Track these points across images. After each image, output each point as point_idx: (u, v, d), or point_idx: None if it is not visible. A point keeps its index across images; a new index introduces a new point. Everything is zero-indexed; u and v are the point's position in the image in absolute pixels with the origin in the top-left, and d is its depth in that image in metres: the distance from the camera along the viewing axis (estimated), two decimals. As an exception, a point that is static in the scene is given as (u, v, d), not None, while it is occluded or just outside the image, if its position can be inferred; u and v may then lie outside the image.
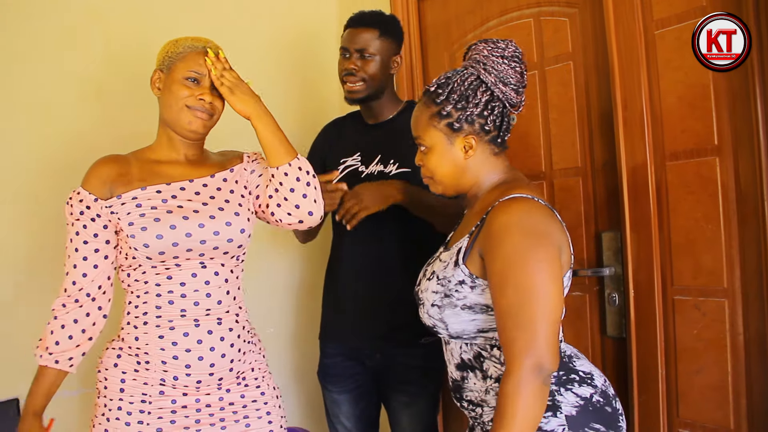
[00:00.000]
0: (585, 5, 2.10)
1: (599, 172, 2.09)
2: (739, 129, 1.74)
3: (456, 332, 1.47)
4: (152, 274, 1.62)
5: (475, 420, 1.52)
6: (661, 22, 1.87)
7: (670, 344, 1.88)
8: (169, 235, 1.58)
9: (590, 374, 1.44)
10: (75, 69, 2.29)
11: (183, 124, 1.66)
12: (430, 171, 1.54)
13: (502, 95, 1.47)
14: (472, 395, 1.49)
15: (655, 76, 1.89)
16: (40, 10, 2.24)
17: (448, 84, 1.49)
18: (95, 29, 2.33)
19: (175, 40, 1.71)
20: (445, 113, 1.47)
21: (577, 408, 1.37)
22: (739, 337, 1.76)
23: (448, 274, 1.45)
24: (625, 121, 1.93)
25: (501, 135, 1.50)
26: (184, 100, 1.64)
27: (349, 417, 2.26)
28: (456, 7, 2.52)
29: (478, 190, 1.53)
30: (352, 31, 2.14)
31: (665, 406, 1.89)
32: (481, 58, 1.48)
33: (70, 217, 1.65)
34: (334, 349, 2.26)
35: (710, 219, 1.79)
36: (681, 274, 1.86)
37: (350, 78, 2.12)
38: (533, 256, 1.32)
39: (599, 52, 2.04)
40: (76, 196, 1.64)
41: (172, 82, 1.66)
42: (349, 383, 2.24)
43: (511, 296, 1.31)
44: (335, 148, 2.26)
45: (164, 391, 1.61)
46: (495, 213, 1.39)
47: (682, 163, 1.85)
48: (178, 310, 1.61)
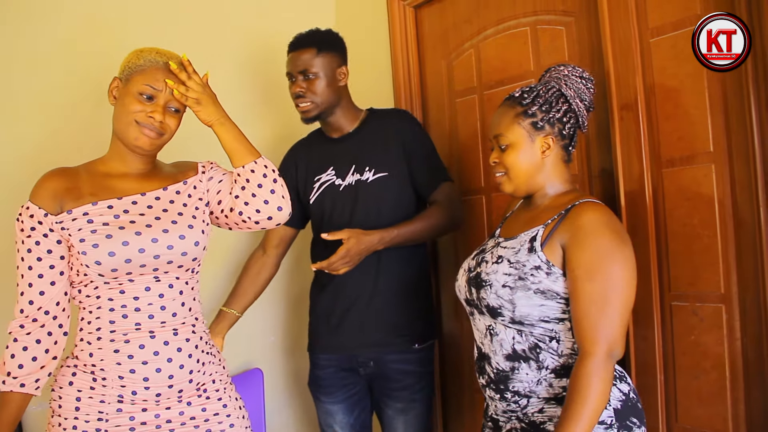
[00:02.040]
0: (581, 14, 2.12)
1: (596, 179, 2.10)
2: (734, 136, 1.75)
3: (520, 315, 1.52)
4: (105, 290, 1.58)
5: (513, 413, 1.56)
6: (656, 30, 1.88)
7: (668, 350, 1.89)
8: (122, 251, 1.55)
9: (623, 373, 1.55)
10: (74, 73, 2.30)
11: (130, 138, 1.62)
12: (506, 167, 1.64)
13: (578, 109, 1.62)
14: (520, 386, 1.54)
15: (651, 84, 1.90)
16: (40, 15, 2.25)
17: (533, 91, 1.63)
18: (94, 34, 2.34)
19: (139, 50, 1.67)
20: (530, 113, 1.60)
21: (621, 402, 1.48)
22: (737, 342, 1.76)
23: (521, 259, 1.54)
24: (622, 128, 1.95)
25: (572, 145, 1.65)
26: (134, 114, 1.60)
27: (344, 426, 2.26)
28: (453, 16, 2.54)
29: (547, 191, 1.64)
30: (292, 55, 2.19)
31: (664, 411, 1.90)
32: (562, 77, 1.63)
33: (20, 234, 1.58)
34: (326, 360, 2.25)
35: (707, 225, 1.80)
36: (678, 280, 1.87)
37: (300, 100, 2.17)
38: (622, 253, 1.47)
39: (595, 60, 2.06)
40: (25, 211, 1.58)
41: (126, 93, 1.62)
42: (343, 393, 2.24)
43: (599, 285, 1.43)
44: (307, 169, 2.28)
45: (122, 408, 1.57)
46: (581, 210, 1.51)
47: (678, 170, 1.86)
48: (132, 323, 1.58)
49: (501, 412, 1.60)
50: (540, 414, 1.51)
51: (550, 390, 1.51)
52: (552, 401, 1.51)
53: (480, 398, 2.48)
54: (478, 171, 2.45)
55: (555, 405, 1.50)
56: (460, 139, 2.53)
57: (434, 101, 2.65)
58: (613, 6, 1.95)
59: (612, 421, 1.44)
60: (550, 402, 1.51)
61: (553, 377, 1.51)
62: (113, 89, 1.66)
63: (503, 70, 2.36)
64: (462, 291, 1.67)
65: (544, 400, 1.51)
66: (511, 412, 1.56)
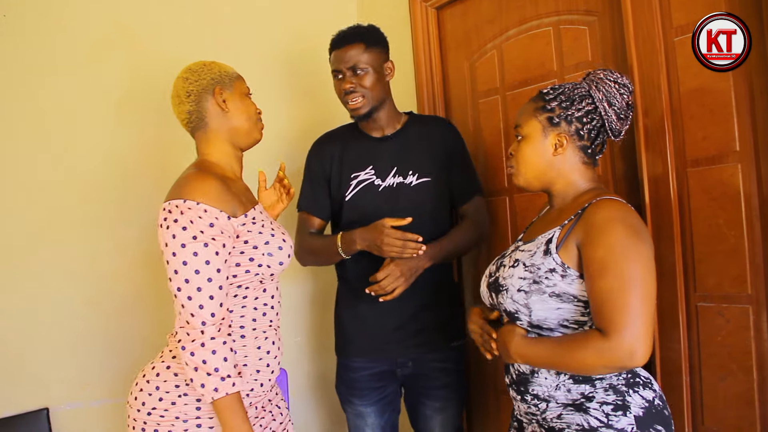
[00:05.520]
0: (604, 13, 2.11)
1: (621, 180, 2.09)
2: (760, 134, 1.73)
3: (538, 319, 1.51)
4: (252, 289, 1.67)
5: (533, 416, 1.56)
6: (680, 29, 1.86)
7: (694, 351, 1.87)
8: (286, 251, 1.71)
9: (649, 379, 1.51)
10: (98, 82, 2.34)
11: (255, 134, 1.77)
12: (518, 160, 1.64)
13: (604, 113, 1.57)
14: (540, 390, 1.53)
15: (675, 83, 1.89)
16: (67, 25, 2.30)
17: (560, 87, 1.62)
18: (119, 43, 2.39)
19: (211, 62, 1.76)
20: (549, 108, 1.59)
21: (644, 409, 1.44)
22: (764, 343, 1.74)
23: (537, 262, 1.52)
24: (646, 128, 1.93)
25: (592, 148, 1.60)
26: (255, 114, 1.78)
27: (375, 428, 2.27)
28: (475, 17, 2.54)
29: (566, 191, 1.61)
30: (338, 52, 2.16)
31: (690, 413, 1.88)
32: (596, 79, 1.59)
33: (201, 236, 1.53)
34: (359, 363, 2.24)
35: (733, 225, 1.79)
36: (704, 281, 1.85)
37: (351, 96, 2.14)
38: (635, 248, 1.41)
39: (619, 59, 2.05)
40: (204, 214, 1.54)
41: (241, 97, 1.75)
42: (376, 395, 2.24)
43: (610, 282, 1.38)
44: (342, 164, 2.25)
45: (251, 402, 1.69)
46: (596, 208, 1.48)
47: (703, 170, 1.84)
48: (267, 321, 1.71)
49: (524, 414, 1.59)
50: (558, 420, 1.49)
51: (569, 396, 1.48)
52: (570, 407, 1.48)
53: (504, 399, 2.48)
54: (501, 172, 2.45)
55: (573, 411, 1.47)
56: (483, 140, 2.53)
57: (457, 102, 2.65)
58: (636, 5, 1.94)
59: (633, 428, 1.40)
60: (568, 408, 1.48)
61: (571, 383, 1.48)
62: (220, 99, 1.71)
63: (526, 71, 2.36)
64: (485, 296, 1.67)
65: (563, 406, 1.49)
66: (532, 415, 1.56)
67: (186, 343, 1.51)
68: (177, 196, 1.57)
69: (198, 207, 1.54)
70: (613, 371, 1.42)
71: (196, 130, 1.74)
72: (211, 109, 1.71)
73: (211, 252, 1.54)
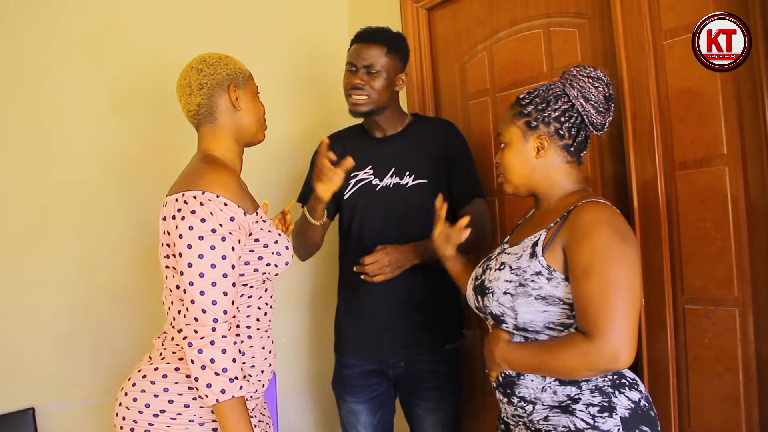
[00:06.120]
0: (594, 16, 2.11)
1: (609, 182, 2.10)
2: (747, 137, 1.74)
3: (524, 322, 1.51)
4: (256, 288, 1.65)
5: (520, 418, 1.55)
6: (669, 32, 1.87)
7: (681, 353, 1.88)
8: (291, 252, 1.70)
9: (635, 380, 1.50)
10: (94, 80, 2.33)
11: (260, 135, 1.74)
12: (504, 167, 1.64)
13: (582, 109, 1.57)
14: (526, 392, 1.53)
15: (664, 86, 1.89)
16: (65, 23, 2.29)
17: (535, 91, 1.62)
18: (119, 43, 2.38)
19: (226, 56, 1.70)
20: (526, 112, 1.59)
21: (629, 411, 1.44)
22: (751, 346, 1.75)
23: (522, 265, 1.51)
24: (635, 131, 1.94)
25: (575, 146, 1.59)
26: (263, 115, 1.75)
27: (367, 426, 2.27)
28: (466, 19, 2.54)
29: (551, 192, 1.61)
30: (359, 46, 2.15)
31: (676, 415, 1.89)
32: (570, 77, 1.59)
33: (220, 229, 1.47)
34: (353, 360, 2.25)
35: (720, 228, 1.79)
36: (691, 283, 1.86)
37: (356, 92, 2.13)
38: (620, 251, 1.41)
39: (608, 62, 2.05)
40: (225, 207, 1.49)
41: (252, 96, 1.71)
42: (368, 393, 2.25)
43: (595, 284, 1.39)
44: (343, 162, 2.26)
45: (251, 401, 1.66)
46: (581, 210, 1.48)
47: (691, 173, 1.85)
48: (267, 320, 1.70)
49: (510, 416, 1.59)
50: (545, 422, 1.49)
51: (555, 398, 1.48)
52: (556, 409, 1.48)
53: (492, 401, 2.48)
54: (491, 174, 2.45)
55: (559, 413, 1.47)
56: (473, 141, 2.52)
57: (447, 103, 2.65)
58: (626, 8, 1.94)
59: (619, 430, 1.40)
60: (554, 410, 1.48)
61: (557, 385, 1.48)
62: (233, 96, 1.66)
63: (516, 73, 2.36)
64: (471, 299, 1.67)
65: (549, 408, 1.49)
66: (518, 417, 1.56)
67: (194, 339, 1.43)
68: (194, 186, 1.50)
69: (218, 200, 1.48)
70: (597, 374, 1.43)
71: (202, 123, 1.67)
72: (222, 104, 1.65)
73: (228, 247, 1.48)
